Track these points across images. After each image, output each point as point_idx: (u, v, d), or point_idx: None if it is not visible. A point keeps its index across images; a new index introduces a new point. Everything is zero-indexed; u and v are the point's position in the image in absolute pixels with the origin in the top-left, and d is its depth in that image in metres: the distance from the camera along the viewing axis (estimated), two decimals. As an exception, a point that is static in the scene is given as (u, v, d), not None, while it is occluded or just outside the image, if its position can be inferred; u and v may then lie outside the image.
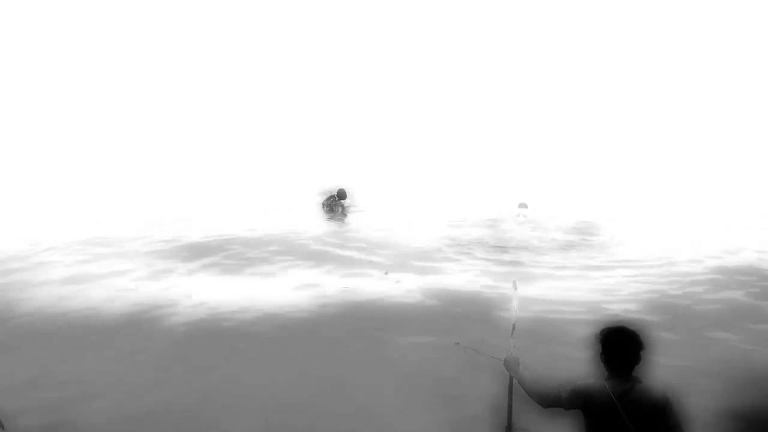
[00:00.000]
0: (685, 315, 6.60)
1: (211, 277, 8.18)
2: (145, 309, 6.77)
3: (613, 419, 2.80)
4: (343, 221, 12.99)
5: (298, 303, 6.99)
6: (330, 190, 14.07)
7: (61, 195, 17.84)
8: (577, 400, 2.91)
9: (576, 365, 4.08)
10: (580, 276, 8.21)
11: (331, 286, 7.69)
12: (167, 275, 8.26)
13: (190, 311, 6.68)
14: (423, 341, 5.89)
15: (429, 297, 7.18)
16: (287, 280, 8.05)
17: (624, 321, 3.04)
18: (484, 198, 16.31)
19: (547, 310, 6.61)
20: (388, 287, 7.62)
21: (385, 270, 8.43)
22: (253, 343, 5.89)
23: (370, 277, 8.16)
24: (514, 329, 3.82)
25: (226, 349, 5.76)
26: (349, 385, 5.04)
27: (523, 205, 13.24)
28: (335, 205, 13.76)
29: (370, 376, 5.19)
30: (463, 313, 6.64)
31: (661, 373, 3.26)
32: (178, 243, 10.17)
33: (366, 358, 5.57)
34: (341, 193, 13.72)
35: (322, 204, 13.92)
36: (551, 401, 3.00)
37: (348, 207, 14.05)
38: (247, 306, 6.84)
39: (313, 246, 10.04)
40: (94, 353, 5.68)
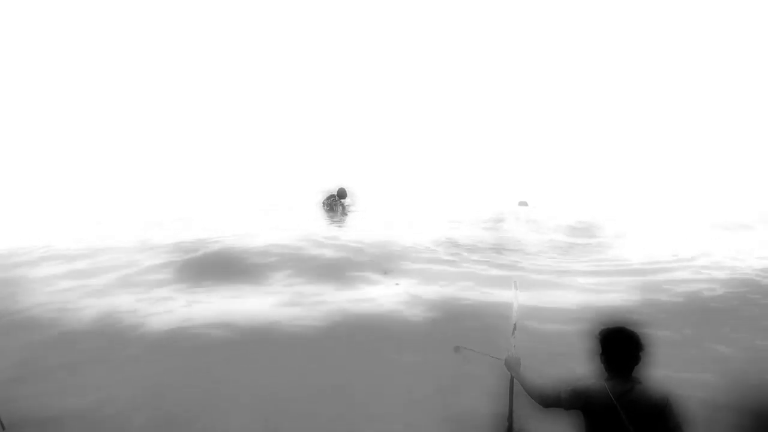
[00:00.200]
0: (685, 315, 6.60)
1: (207, 285, 8.02)
2: (143, 316, 6.66)
3: (613, 420, 2.79)
4: (343, 221, 12.98)
5: (299, 304, 6.98)
6: (330, 190, 14.06)
7: (60, 195, 17.84)
8: (576, 401, 2.91)
9: (576, 366, 4.07)
10: (580, 276, 8.20)
11: (332, 286, 7.68)
12: (166, 278, 8.21)
13: (186, 319, 6.55)
14: (423, 342, 5.89)
15: (428, 300, 7.15)
16: (288, 280, 8.03)
17: (623, 321, 3.03)
18: (484, 197, 16.32)
19: (547, 311, 6.60)
20: (387, 289, 7.61)
21: (384, 270, 8.42)
22: (254, 344, 5.88)
23: (369, 279, 8.15)
24: (514, 329, 3.82)
25: (225, 351, 5.75)
26: (349, 385, 5.04)
27: (523, 204, 13.27)
28: (335, 204, 13.75)
29: (370, 377, 5.19)
30: (463, 316, 6.62)
31: (660, 374, 3.25)
32: (177, 246, 10.08)
33: (366, 359, 5.57)
34: (341, 193, 13.71)
35: (323, 203, 13.91)
36: (551, 401, 3.00)
37: (348, 206, 14.03)
38: (247, 312, 6.78)
39: (313, 249, 9.98)
40: (96, 357, 5.68)
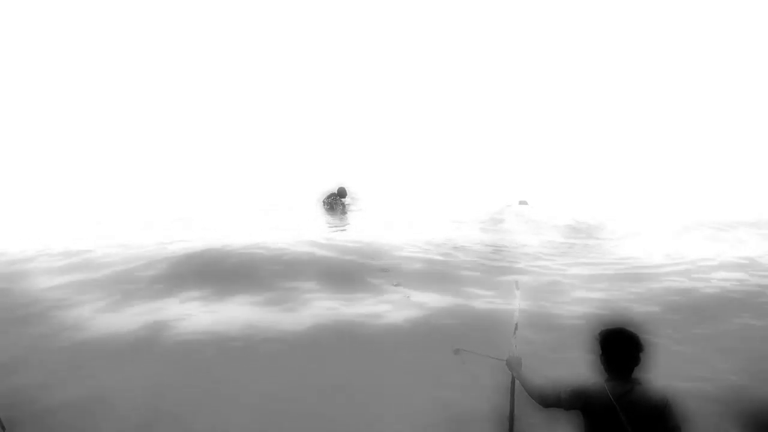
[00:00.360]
0: (685, 316, 6.60)
1: (207, 284, 7.95)
2: (146, 322, 6.62)
3: (613, 421, 2.79)
4: (343, 220, 12.98)
5: (299, 304, 6.98)
6: (330, 189, 14.07)
7: (60, 195, 17.83)
8: (576, 401, 2.91)
9: (576, 366, 4.07)
10: (580, 277, 8.20)
11: (332, 286, 7.67)
12: (165, 278, 8.16)
13: (187, 324, 6.51)
14: (423, 342, 5.89)
15: (428, 300, 7.16)
16: (288, 280, 8.01)
17: (623, 322, 3.03)
18: (484, 196, 16.31)
19: (547, 311, 6.60)
20: (387, 289, 7.60)
21: (384, 270, 8.41)
22: (254, 344, 5.88)
23: (369, 279, 8.13)
24: (516, 329, 3.82)
25: (225, 351, 5.76)
26: (349, 385, 5.04)
27: (523, 203, 13.29)
28: (336, 203, 13.76)
29: (370, 377, 5.19)
30: (463, 316, 6.62)
31: (659, 374, 3.25)
32: (176, 246, 10.04)
33: (366, 359, 5.57)
34: (341, 192, 13.72)
35: (323, 202, 13.91)
36: (551, 401, 3.01)
37: (348, 205, 14.04)
38: (246, 312, 6.77)
39: (313, 249, 9.94)
40: (95, 356, 5.69)
